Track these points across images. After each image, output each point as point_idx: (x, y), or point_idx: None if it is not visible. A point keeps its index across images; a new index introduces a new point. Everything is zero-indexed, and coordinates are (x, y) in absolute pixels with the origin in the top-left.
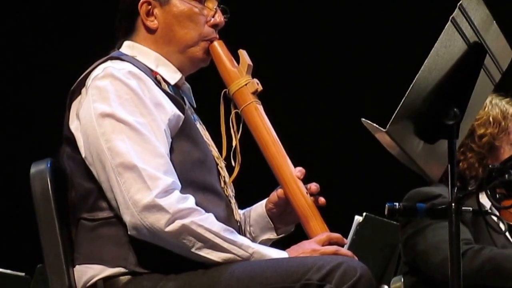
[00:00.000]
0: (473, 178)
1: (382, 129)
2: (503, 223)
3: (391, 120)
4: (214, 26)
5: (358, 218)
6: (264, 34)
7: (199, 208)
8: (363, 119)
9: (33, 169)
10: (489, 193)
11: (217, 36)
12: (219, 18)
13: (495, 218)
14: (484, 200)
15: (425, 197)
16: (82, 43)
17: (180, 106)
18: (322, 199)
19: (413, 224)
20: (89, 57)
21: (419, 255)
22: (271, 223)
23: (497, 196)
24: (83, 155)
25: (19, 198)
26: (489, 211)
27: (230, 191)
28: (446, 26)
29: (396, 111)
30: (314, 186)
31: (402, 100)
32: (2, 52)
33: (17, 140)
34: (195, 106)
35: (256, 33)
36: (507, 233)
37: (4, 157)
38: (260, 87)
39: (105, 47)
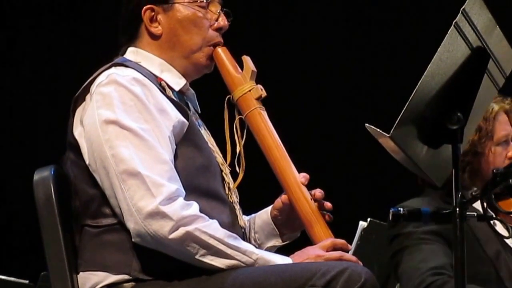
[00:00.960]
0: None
1: (385, 134)
2: (507, 227)
3: (394, 125)
4: (218, 29)
5: (362, 224)
6: (268, 40)
7: (203, 214)
8: (367, 124)
9: (37, 176)
10: (492, 197)
11: (221, 39)
12: (223, 21)
13: (497, 222)
14: (478, 205)
15: None
16: (86, 49)
17: (184, 112)
18: (328, 204)
19: (398, 241)
20: (93, 63)
21: (397, 276)
22: (276, 229)
23: (493, 196)
24: (87, 162)
25: (22, 205)
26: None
27: (235, 197)
28: (449, 31)
29: (399, 116)
30: (318, 192)
31: (406, 105)
32: (6, 56)
33: (20, 146)
34: (199, 111)
35: (260, 39)
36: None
37: (7, 163)
38: (264, 93)
39: (109, 53)
